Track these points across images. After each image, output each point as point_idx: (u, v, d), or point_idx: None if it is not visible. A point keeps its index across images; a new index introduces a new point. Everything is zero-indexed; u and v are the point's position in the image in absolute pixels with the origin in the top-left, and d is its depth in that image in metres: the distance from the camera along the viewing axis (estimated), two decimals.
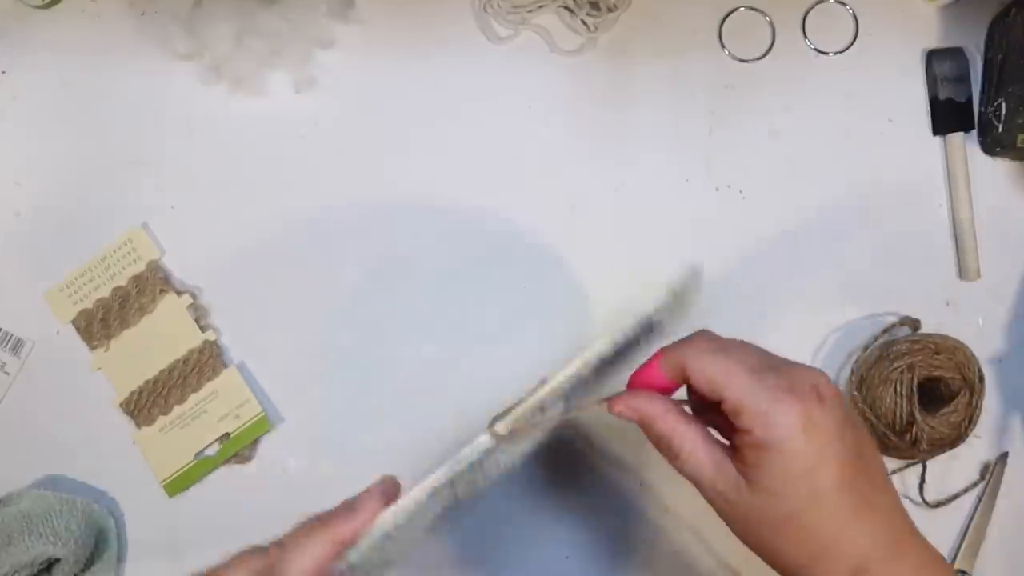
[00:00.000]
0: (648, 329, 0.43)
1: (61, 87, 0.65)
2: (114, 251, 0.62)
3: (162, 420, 0.60)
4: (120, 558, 0.59)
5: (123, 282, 0.61)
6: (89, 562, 0.57)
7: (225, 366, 0.61)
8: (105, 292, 0.61)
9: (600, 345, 0.42)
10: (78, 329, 0.61)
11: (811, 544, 0.39)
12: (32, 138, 0.64)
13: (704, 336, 0.43)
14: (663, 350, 0.43)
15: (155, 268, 0.62)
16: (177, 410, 0.60)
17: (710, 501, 0.41)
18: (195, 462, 0.60)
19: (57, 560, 0.55)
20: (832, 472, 0.38)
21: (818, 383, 0.39)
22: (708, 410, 0.43)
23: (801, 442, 0.38)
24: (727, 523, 0.41)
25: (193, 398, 0.61)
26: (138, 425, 0.60)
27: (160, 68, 0.64)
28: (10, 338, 0.61)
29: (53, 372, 0.61)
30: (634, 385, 0.43)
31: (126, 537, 0.60)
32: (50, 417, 0.61)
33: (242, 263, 0.62)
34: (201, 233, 0.63)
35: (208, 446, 0.60)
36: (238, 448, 0.60)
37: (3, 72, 0.65)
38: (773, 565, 0.41)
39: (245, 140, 0.64)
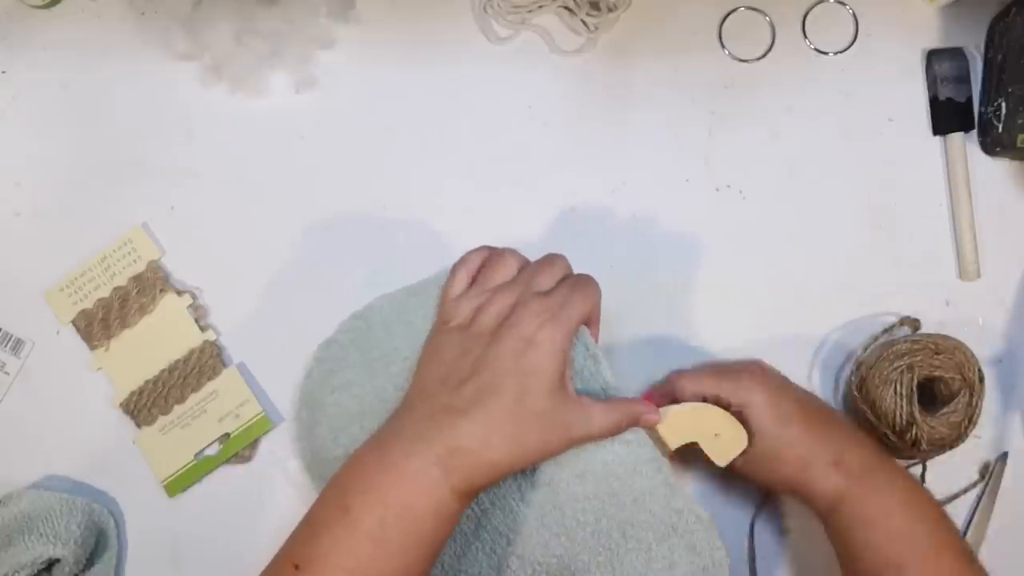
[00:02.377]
0: None
1: (61, 87, 0.65)
2: (114, 251, 0.62)
3: (162, 420, 0.60)
4: (120, 558, 0.59)
5: (123, 282, 0.61)
6: (89, 562, 0.57)
7: (225, 366, 0.61)
8: (105, 292, 0.61)
9: None
10: (78, 329, 0.61)
11: (797, 459, 0.52)
12: (32, 138, 0.64)
13: (679, 373, 0.56)
14: (654, 390, 0.57)
15: (155, 268, 0.62)
16: (177, 410, 0.60)
17: None
18: (195, 462, 0.60)
19: (57, 560, 0.55)
20: (791, 405, 0.53)
21: (757, 363, 0.56)
22: None
23: (762, 394, 0.52)
24: (741, 472, 0.54)
25: (193, 398, 0.61)
26: (138, 425, 0.60)
27: (160, 68, 0.64)
28: (10, 338, 0.61)
29: (53, 372, 0.61)
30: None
31: (126, 537, 0.60)
32: (50, 417, 0.61)
33: (242, 263, 0.62)
34: (201, 233, 0.63)
35: (208, 446, 0.60)
36: (238, 448, 0.60)
37: (3, 72, 0.65)
38: (781, 488, 0.55)
39: (245, 140, 0.64)
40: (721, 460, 0.53)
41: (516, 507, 0.51)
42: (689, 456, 0.55)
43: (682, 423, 0.53)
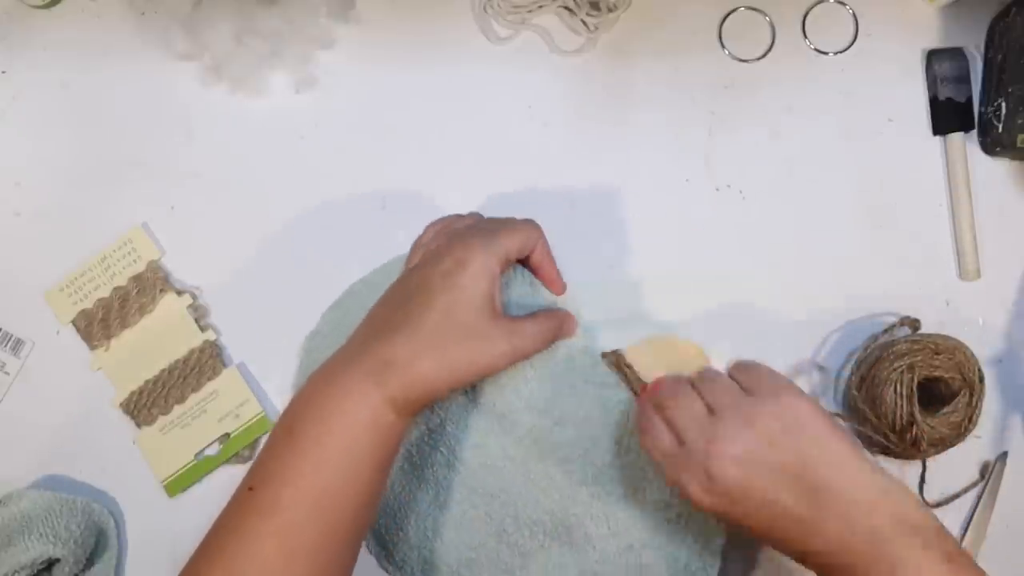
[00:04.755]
0: None
1: (61, 87, 0.65)
2: (114, 251, 0.62)
3: (162, 420, 0.60)
4: (120, 558, 0.59)
5: (123, 282, 0.61)
6: (89, 562, 0.57)
7: (225, 366, 0.61)
8: (105, 292, 0.61)
9: None
10: (78, 329, 0.61)
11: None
12: (32, 138, 0.64)
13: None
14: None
15: (155, 268, 0.62)
16: (177, 410, 0.60)
17: None
18: (195, 462, 0.60)
19: (57, 560, 0.55)
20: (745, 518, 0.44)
21: (709, 465, 0.44)
22: None
23: (707, 503, 0.45)
24: None
25: (193, 398, 0.61)
26: (138, 425, 0.60)
27: (160, 68, 0.64)
28: (10, 338, 0.61)
29: (53, 372, 0.61)
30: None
31: (126, 537, 0.60)
32: (50, 417, 0.61)
33: (242, 263, 0.62)
34: (201, 233, 0.63)
35: (208, 446, 0.60)
36: (238, 448, 0.60)
37: (3, 72, 0.65)
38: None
39: (245, 140, 0.64)
40: None
41: (502, 465, 0.52)
42: None
43: (648, 356, 0.53)
